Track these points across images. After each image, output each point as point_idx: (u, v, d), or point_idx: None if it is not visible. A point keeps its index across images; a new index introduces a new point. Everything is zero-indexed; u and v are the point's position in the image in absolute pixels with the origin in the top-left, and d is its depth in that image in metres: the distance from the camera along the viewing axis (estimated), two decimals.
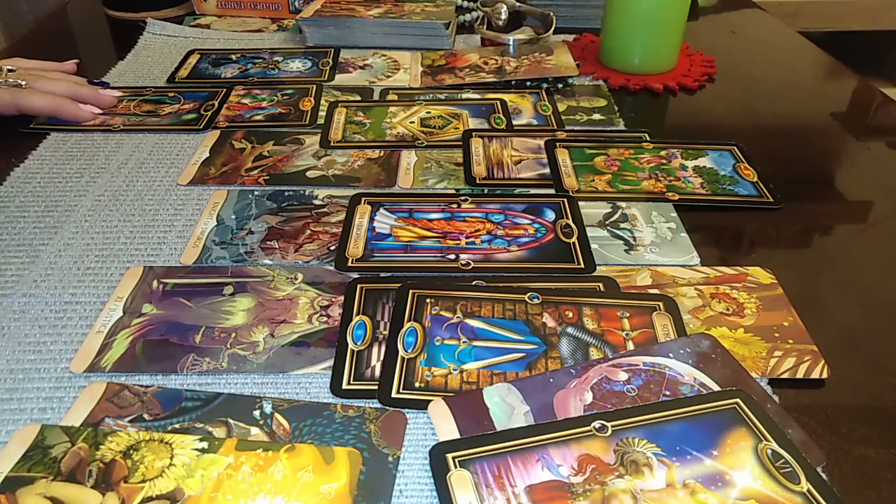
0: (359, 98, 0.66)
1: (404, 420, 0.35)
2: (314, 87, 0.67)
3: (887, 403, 0.37)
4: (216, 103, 0.64)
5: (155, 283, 0.43)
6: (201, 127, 0.60)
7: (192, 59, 0.73)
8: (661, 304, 0.41)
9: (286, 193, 0.52)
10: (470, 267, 0.44)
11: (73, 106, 0.60)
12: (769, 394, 0.36)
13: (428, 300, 0.41)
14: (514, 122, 0.62)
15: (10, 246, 0.46)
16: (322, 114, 0.63)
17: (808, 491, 0.31)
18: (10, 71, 0.60)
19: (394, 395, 0.36)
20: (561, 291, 0.42)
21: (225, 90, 0.66)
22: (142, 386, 0.36)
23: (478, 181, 0.53)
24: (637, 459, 0.32)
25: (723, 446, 0.33)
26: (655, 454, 0.32)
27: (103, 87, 0.64)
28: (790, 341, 0.39)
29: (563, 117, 0.63)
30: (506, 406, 0.35)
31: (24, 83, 0.59)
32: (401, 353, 0.38)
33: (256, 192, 0.52)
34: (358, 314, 0.41)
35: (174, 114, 0.62)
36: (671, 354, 0.38)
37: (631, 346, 0.39)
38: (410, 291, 0.42)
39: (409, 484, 0.32)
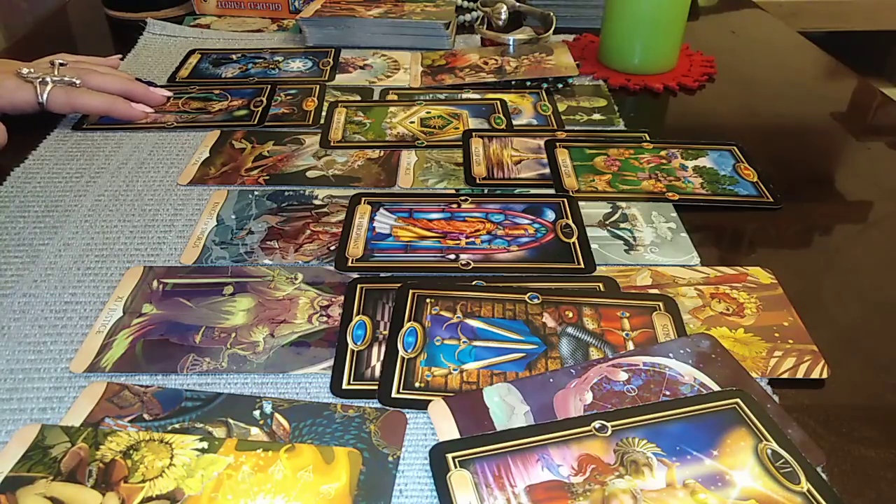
0: (359, 98, 0.66)
1: (404, 420, 0.35)
2: (317, 87, 0.67)
3: (887, 403, 0.37)
4: (264, 99, 0.64)
5: (155, 283, 0.43)
6: (255, 122, 0.61)
7: (193, 59, 0.73)
8: (661, 304, 0.41)
9: (286, 193, 0.52)
10: (470, 267, 0.44)
11: (126, 105, 0.60)
12: (769, 394, 0.36)
13: (428, 300, 0.41)
14: (514, 122, 0.62)
15: (10, 246, 0.46)
16: (323, 114, 0.63)
17: (808, 491, 0.31)
18: (61, 65, 0.59)
19: (394, 395, 0.36)
20: (561, 291, 0.42)
21: (269, 87, 0.66)
22: (142, 386, 0.36)
23: (478, 181, 0.53)
24: (637, 459, 0.32)
25: (723, 446, 0.33)
26: (655, 454, 0.32)
27: (151, 86, 0.64)
28: (790, 341, 0.39)
29: (563, 117, 0.63)
30: (506, 406, 0.35)
31: (77, 82, 0.58)
32: (401, 353, 0.38)
33: (256, 192, 0.52)
34: (358, 314, 0.41)
35: (225, 110, 0.63)
36: (671, 354, 0.38)
37: (631, 346, 0.39)
38: (410, 291, 0.42)
39: (409, 484, 0.32)
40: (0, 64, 0.59)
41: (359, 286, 0.43)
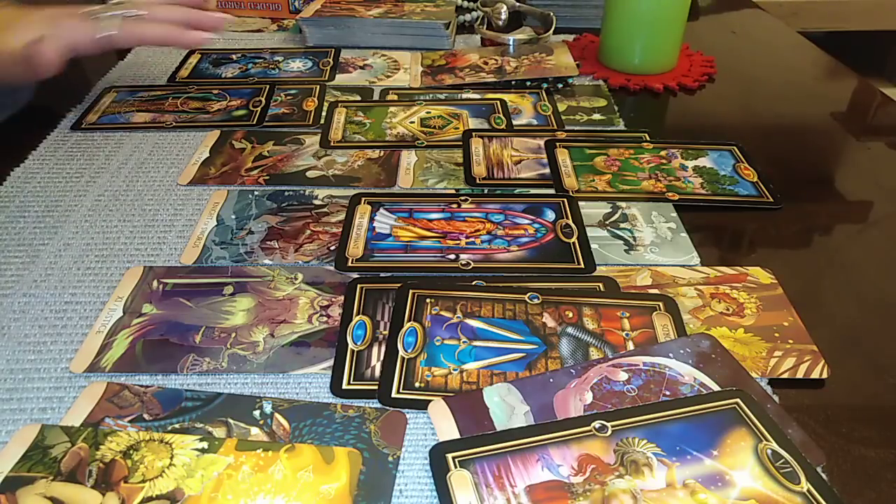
0: (359, 98, 0.66)
1: (404, 420, 0.35)
2: (317, 87, 0.67)
3: (887, 403, 0.37)
4: (263, 99, 0.64)
5: (155, 283, 0.43)
6: (254, 122, 0.61)
7: (193, 59, 0.73)
8: (661, 304, 0.41)
9: (286, 193, 0.52)
10: (470, 267, 0.44)
11: (184, 34, 0.59)
12: (769, 394, 0.36)
13: (428, 300, 0.41)
14: (514, 122, 0.62)
15: (10, 246, 0.46)
16: (323, 114, 0.63)
17: (808, 491, 0.31)
18: (120, 2, 0.58)
19: (394, 395, 0.36)
20: (561, 291, 0.42)
21: (268, 87, 0.66)
22: (142, 386, 0.36)
23: (478, 181, 0.53)
24: (637, 459, 0.32)
25: (723, 446, 0.33)
26: (655, 454, 0.32)
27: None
28: (790, 341, 0.39)
29: (563, 117, 0.63)
30: (506, 406, 0.35)
31: (143, 13, 0.57)
32: (401, 353, 0.38)
33: (256, 192, 0.52)
34: (358, 314, 0.41)
35: (223, 110, 0.63)
36: (671, 354, 0.38)
37: (631, 346, 0.39)
38: (410, 291, 0.42)
39: (409, 484, 0.32)
40: (67, 7, 0.58)
41: (359, 286, 0.43)
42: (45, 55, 0.53)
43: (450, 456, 0.32)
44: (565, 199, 0.51)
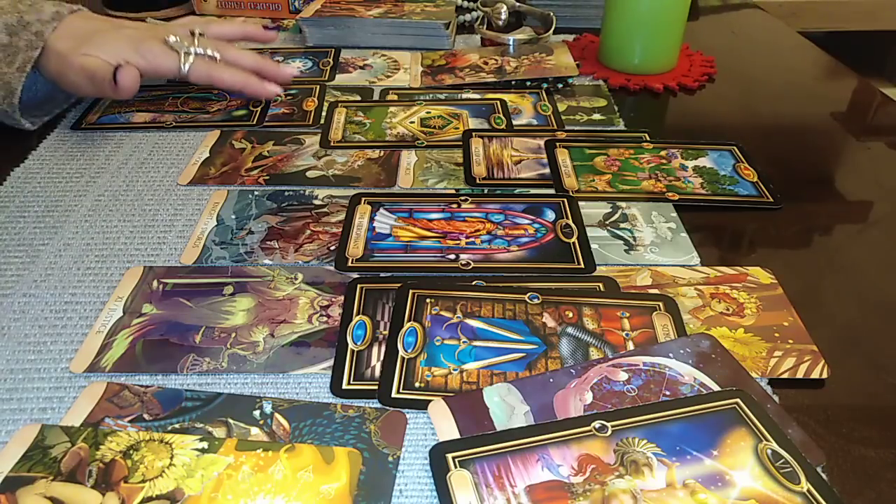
0: (359, 98, 0.66)
1: (404, 420, 0.35)
2: (317, 87, 0.67)
3: (887, 403, 0.37)
4: (263, 99, 0.64)
5: (155, 283, 0.43)
6: (254, 122, 0.61)
7: None
8: (661, 304, 0.41)
9: (286, 193, 0.52)
10: (470, 267, 0.44)
11: (259, 83, 0.60)
12: (769, 394, 0.36)
13: (428, 300, 0.41)
14: (514, 122, 0.62)
15: (10, 246, 0.46)
16: (323, 114, 0.63)
17: (808, 491, 0.31)
18: (200, 35, 0.59)
19: (394, 395, 0.36)
20: (561, 291, 0.42)
21: None
22: (142, 386, 0.36)
23: (478, 181, 0.53)
24: (637, 459, 0.32)
25: (723, 446, 0.33)
26: (655, 454, 0.32)
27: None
28: (790, 341, 0.39)
29: (563, 117, 0.63)
30: (506, 406, 0.35)
31: (218, 56, 0.58)
32: (401, 353, 0.38)
33: (256, 192, 0.52)
34: (358, 314, 0.41)
35: (223, 110, 0.63)
36: (671, 354, 0.38)
37: (631, 346, 0.39)
38: (410, 291, 0.42)
39: (409, 484, 0.32)
40: (147, 29, 0.58)
41: (359, 286, 0.43)
42: (125, 80, 0.54)
43: (450, 456, 0.32)
44: (565, 199, 0.51)
